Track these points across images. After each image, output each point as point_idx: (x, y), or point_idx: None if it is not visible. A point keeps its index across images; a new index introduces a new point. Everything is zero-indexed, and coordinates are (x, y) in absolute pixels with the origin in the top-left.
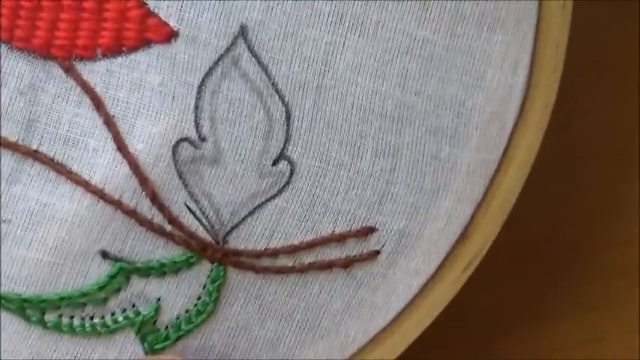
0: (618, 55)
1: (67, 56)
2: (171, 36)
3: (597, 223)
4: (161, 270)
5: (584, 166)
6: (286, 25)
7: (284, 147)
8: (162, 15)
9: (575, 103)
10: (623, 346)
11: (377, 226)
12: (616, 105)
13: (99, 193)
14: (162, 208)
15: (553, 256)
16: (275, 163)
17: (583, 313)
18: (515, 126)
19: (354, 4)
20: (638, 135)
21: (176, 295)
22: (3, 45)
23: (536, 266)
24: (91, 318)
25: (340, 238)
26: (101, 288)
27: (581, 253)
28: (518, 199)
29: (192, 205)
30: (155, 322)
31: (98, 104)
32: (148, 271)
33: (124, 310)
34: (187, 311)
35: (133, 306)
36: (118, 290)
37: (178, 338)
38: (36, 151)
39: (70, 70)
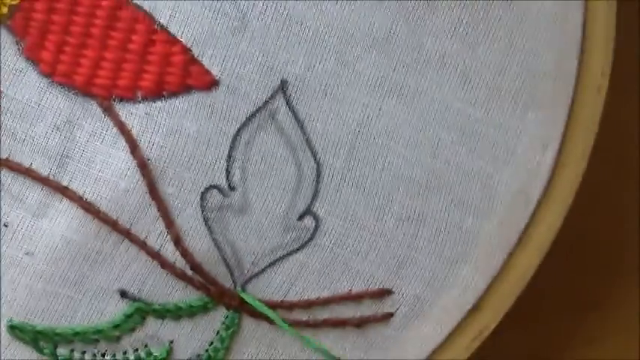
0: (618, 55)
1: (107, 96)
2: (212, 85)
3: (597, 224)
4: (177, 313)
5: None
6: (326, 84)
7: (311, 203)
8: (205, 63)
9: None
10: (623, 346)
11: (394, 289)
12: (616, 105)
13: (125, 233)
14: (185, 253)
15: (553, 256)
16: (301, 218)
17: (583, 313)
18: (539, 203)
19: (394, 69)
20: (638, 135)
21: (189, 339)
22: (44, 79)
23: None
24: (103, 355)
25: (356, 298)
26: (116, 326)
27: (581, 253)
28: None
29: (215, 252)
30: None
31: (133, 147)
32: (164, 313)
33: (136, 350)
34: (199, 356)
35: (146, 346)
36: (133, 330)
37: None
38: (66, 188)
39: (108, 110)
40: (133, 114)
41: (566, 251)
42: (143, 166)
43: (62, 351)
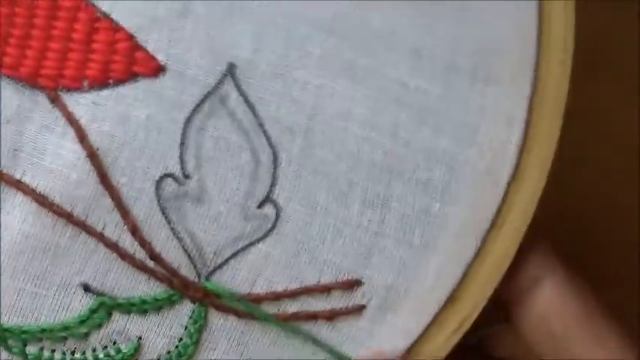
0: (618, 55)
1: (53, 86)
2: (158, 70)
3: (597, 224)
4: (142, 307)
5: (584, 167)
6: (276, 66)
7: (270, 190)
8: (150, 49)
9: (575, 103)
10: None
11: (363, 280)
12: (616, 105)
13: (81, 225)
14: (143, 243)
15: None
16: (260, 206)
17: None
18: (510, 183)
19: (344, 49)
20: (638, 135)
21: (157, 335)
22: None
23: None
24: (72, 353)
25: (325, 289)
26: (82, 322)
27: (581, 253)
28: None
29: (175, 243)
30: None
31: (82, 137)
32: (129, 307)
33: (105, 347)
34: (169, 352)
35: (114, 343)
36: (100, 325)
37: None
38: (19, 181)
39: (56, 101)
40: (80, 104)
41: (566, 251)
42: (93, 156)
43: (31, 349)
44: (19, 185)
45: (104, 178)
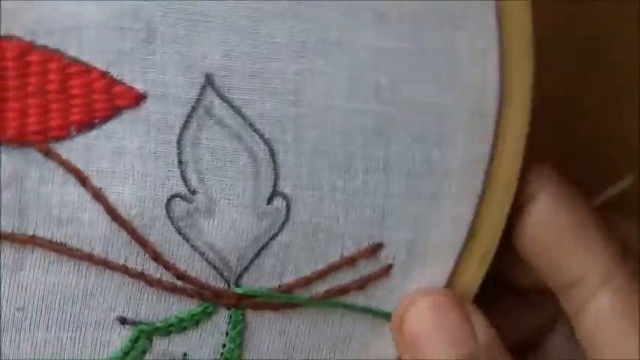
0: (618, 55)
1: (43, 140)
2: (140, 99)
3: None
4: (181, 325)
5: (584, 167)
6: (249, 65)
7: (275, 184)
8: (127, 80)
9: (575, 103)
10: None
11: (384, 242)
12: (616, 105)
13: (103, 263)
14: (167, 266)
15: None
16: (269, 201)
17: None
18: (499, 115)
19: (311, 29)
20: (638, 135)
21: (201, 347)
22: None
23: None
24: None
25: (350, 261)
26: (126, 354)
27: None
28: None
29: (197, 258)
30: None
31: (83, 179)
32: (168, 328)
33: None
34: None
35: None
36: (144, 352)
37: None
38: (33, 237)
39: (48, 153)
40: (73, 149)
41: None
42: (99, 196)
43: None
44: (33, 240)
45: (115, 215)
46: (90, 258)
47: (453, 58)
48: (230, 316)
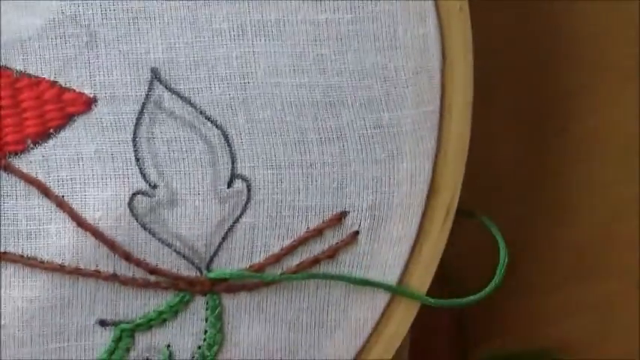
0: (618, 55)
1: (1, 155)
2: (90, 103)
3: (597, 224)
4: (160, 318)
5: (584, 167)
6: (193, 55)
7: (233, 167)
8: (75, 86)
9: (575, 103)
10: (623, 346)
11: (347, 210)
12: (616, 105)
13: (75, 272)
14: (138, 263)
15: (553, 256)
16: (230, 185)
17: (583, 313)
18: (443, 72)
19: (249, 12)
20: (638, 135)
21: (183, 337)
22: None
23: (536, 267)
24: None
25: (317, 233)
26: (111, 354)
27: (581, 253)
28: (518, 201)
29: (166, 250)
30: None
31: (45, 191)
32: (148, 323)
33: None
34: (200, 347)
35: (147, 359)
36: (128, 350)
37: None
38: (5, 253)
39: (8, 168)
40: (32, 162)
41: (566, 251)
42: (62, 204)
43: None
44: (5, 257)
45: (80, 221)
46: (61, 269)
47: (390, 23)
48: (207, 302)
